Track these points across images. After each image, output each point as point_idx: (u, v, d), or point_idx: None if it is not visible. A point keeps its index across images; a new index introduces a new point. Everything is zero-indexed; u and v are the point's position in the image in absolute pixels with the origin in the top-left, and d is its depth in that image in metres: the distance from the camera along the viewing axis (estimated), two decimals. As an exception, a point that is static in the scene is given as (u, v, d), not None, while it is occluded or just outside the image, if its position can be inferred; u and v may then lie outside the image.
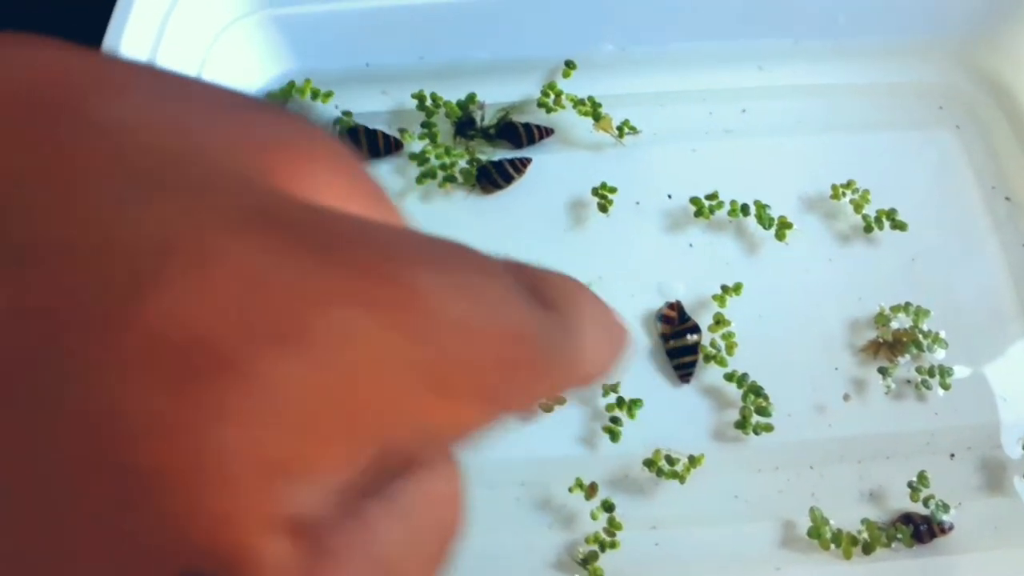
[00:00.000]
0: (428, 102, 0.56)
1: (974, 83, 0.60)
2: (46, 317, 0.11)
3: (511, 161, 0.55)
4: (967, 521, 0.49)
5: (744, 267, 0.54)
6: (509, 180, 0.55)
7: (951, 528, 0.48)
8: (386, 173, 0.56)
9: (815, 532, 0.48)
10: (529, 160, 0.55)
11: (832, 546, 0.48)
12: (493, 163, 0.55)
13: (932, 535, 0.48)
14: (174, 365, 0.11)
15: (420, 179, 0.55)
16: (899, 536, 0.48)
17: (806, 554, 0.49)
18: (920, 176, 0.57)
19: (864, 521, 0.48)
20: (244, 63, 0.55)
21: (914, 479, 0.49)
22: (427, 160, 0.56)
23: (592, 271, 0.53)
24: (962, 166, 0.58)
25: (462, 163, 0.56)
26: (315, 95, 0.57)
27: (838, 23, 0.58)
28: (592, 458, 0.50)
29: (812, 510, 0.48)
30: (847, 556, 0.48)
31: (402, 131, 0.56)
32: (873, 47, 0.59)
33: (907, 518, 0.49)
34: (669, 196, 0.55)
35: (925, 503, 0.49)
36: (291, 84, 0.56)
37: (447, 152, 0.56)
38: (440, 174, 0.55)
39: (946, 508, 0.48)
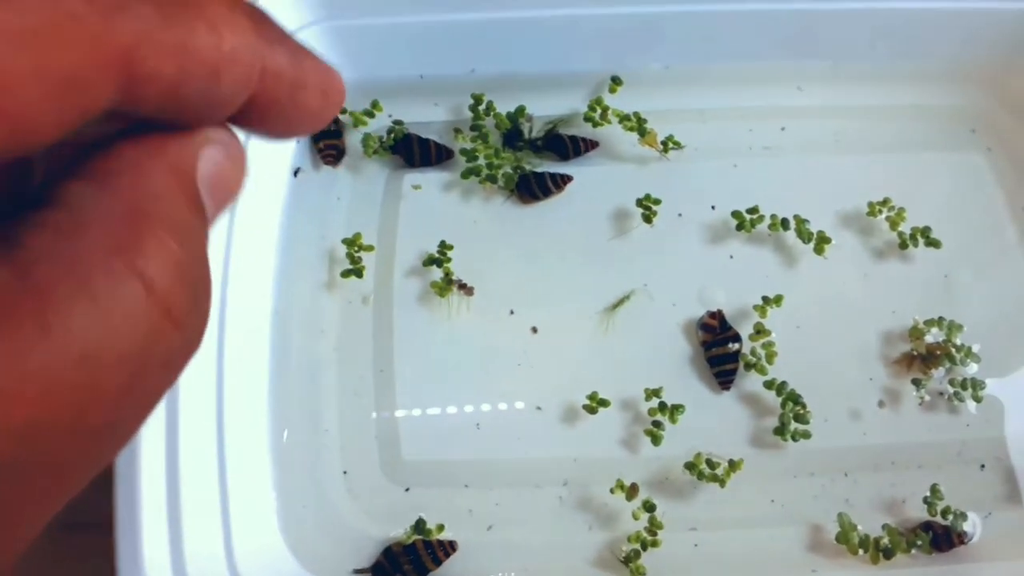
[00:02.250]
0: (482, 106, 0.58)
1: (1006, 108, 0.62)
2: None
3: (552, 175, 0.57)
4: (995, 530, 0.51)
5: (783, 279, 0.56)
6: (547, 194, 0.57)
7: (971, 538, 0.50)
8: (437, 182, 0.58)
9: (843, 537, 0.49)
10: (570, 178, 0.57)
11: (860, 551, 0.49)
12: (535, 174, 0.57)
13: (951, 544, 0.50)
14: None
15: (465, 174, 0.57)
16: (919, 543, 0.49)
17: (838, 559, 0.50)
18: (953, 196, 0.59)
19: (885, 527, 0.50)
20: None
21: (928, 493, 0.51)
22: (476, 157, 0.57)
23: (636, 279, 0.55)
24: (993, 187, 0.59)
25: (507, 168, 0.57)
26: (374, 105, 0.58)
27: (875, 48, 0.60)
28: (633, 460, 0.51)
29: (840, 516, 0.50)
30: (874, 561, 0.49)
31: (457, 131, 0.58)
32: (909, 71, 0.61)
33: (927, 526, 0.50)
34: (712, 207, 0.57)
35: (943, 515, 0.50)
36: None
37: (496, 154, 0.58)
38: (485, 173, 0.57)
39: (964, 517, 0.50)
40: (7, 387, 0.14)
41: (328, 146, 0.57)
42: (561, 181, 0.57)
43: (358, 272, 0.54)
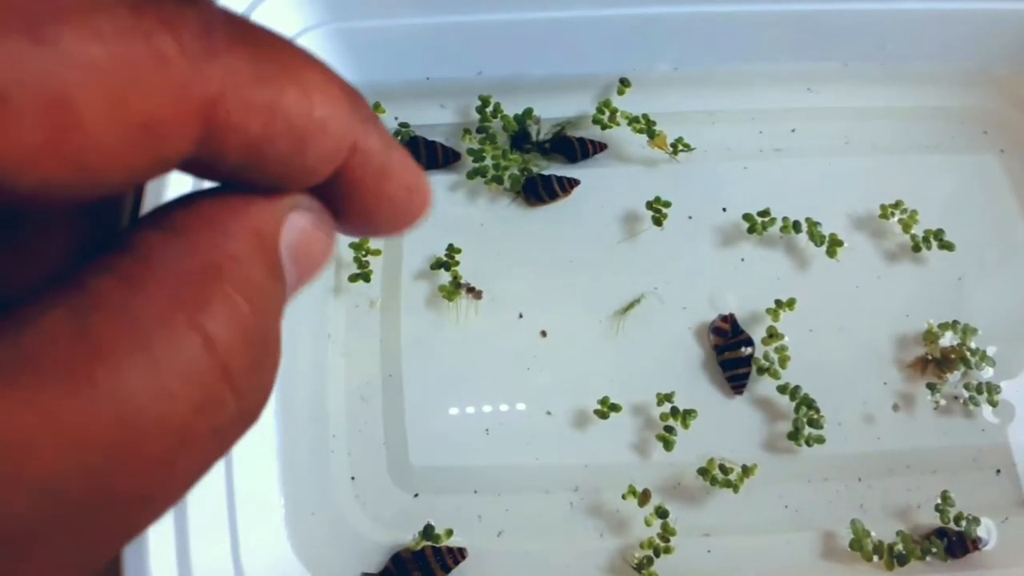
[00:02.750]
0: (489, 107, 0.58)
1: (1018, 109, 0.61)
2: None
3: (559, 179, 0.56)
4: (1011, 536, 0.50)
5: (795, 282, 0.55)
6: (553, 197, 0.56)
7: (985, 544, 0.49)
8: (444, 184, 0.57)
9: (857, 544, 0.49)
10: (577, 182, 0.56)
11: (875, 558, 0.49)
12: (542, 177, 0.56)
13: (965, 550, 0.49)
14: None
15: (471, 175, 0.56)
16: (933, 550, 0.49)
17: (852, 565, 0.50)
18: (965, 198, 0.58)
19: (899, 534, 0.49)
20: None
21: (939, 500, 0.50)
22: (483, 157, 0.57)
23: (647, 282, 0.54)
24: (1006, 189, 0.59)
25: (514, 169, 0.57)
26: (376, 107, 0.58)
27: (886, 49, 0.60)
28: (645, 465, 0.51)
29: (854, 522, 0.49)
30: (888, 568, 0.49)
31: (465, 131, 0.58)
32: (920, 72, 0.61)
33: (941, 532, 0.49)
34: (724, 209, 0.56)
35: (956, 521, 0.49)
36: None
37: (504, 155, 0.57)
38: (491, 173, 0.56)
39: (977, 522, 0.49)
40: (36, 438, 0.13)
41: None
42: (568, 185, 0.56)
43: (365, 276, 0.53)
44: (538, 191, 0.56)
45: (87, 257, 0.16)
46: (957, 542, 0.49)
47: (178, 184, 0.43)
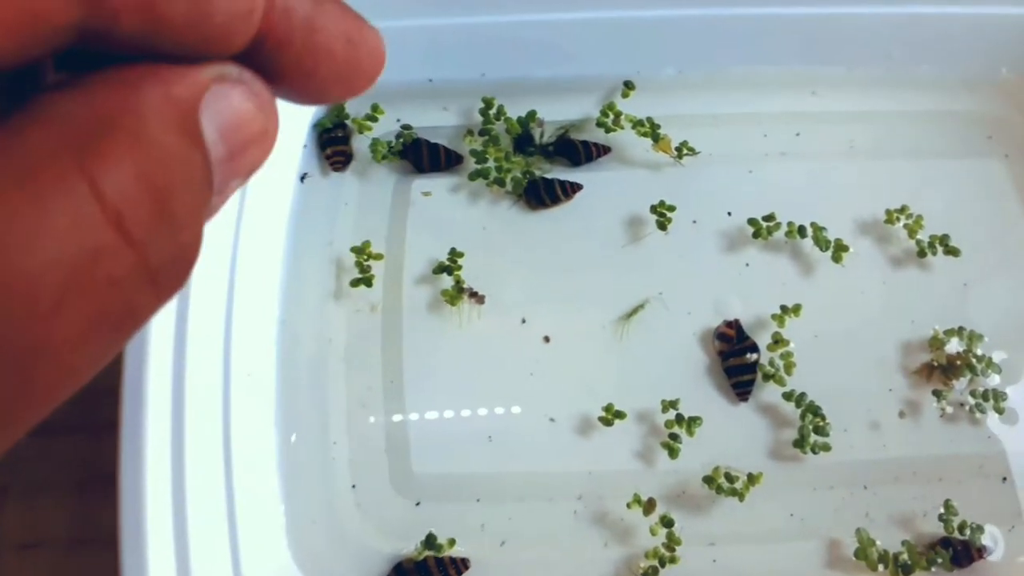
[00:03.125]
0: (493, 110, 0.57)
1: (1022, 114, 0.61)
2: None
3: (562, 183, 0.56)
4: (1018, 544, 0.50)
5: (800, 288, 0.54)
6: (555, 201, 0.56)
7: (991, 552, 0.49)
8: (447, 187, 0.57)
9: (862, 553, 0.48)
10: (580, 186, 0.56)
11: (880, 567, 0.48)
12: (544, 180, 0.56)
13: (971, 559, 0.49)
14: None
15: (473, 176, 0.56)
16: (939, 560, 0.48)
17: (857, 574, 0.49)
18: (970, 203, 0.58)
19: (905, 543, 0.49)
20: (312, 75, 0.56)
21: (942, 510, 0.50)
22: (486, 159, 0.56)
23: (651, 287, 0.54)
24: (1011, 194, 0.58)
25: (516, 172, 0.56)
26: (375, 109, 0.57)
27: (891, 53, 0.59)
28: (649, 473, 0.50)
29: (859, 531, 0.49)
30: (893, 577, 0.48)
31: (469, 133, 0.57)
32: (924, 77, 0.60)
33: (946, 542, 0.49)
34: (729, 214, 0.56)
35: (960, 530, 0.49)
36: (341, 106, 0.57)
37: (507, 158, 0.57)
38: (493, 175, 0.56)
39: (981, 530, 0.49)
40: None
41: (336, 152, 0.56)
42: (570, 189, 0.56)
43: (367, 281, 0.53)
44: (540, 194, 0.55)
45: None
46: (962, 551, 0.49)
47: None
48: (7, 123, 0.15)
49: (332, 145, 0.56)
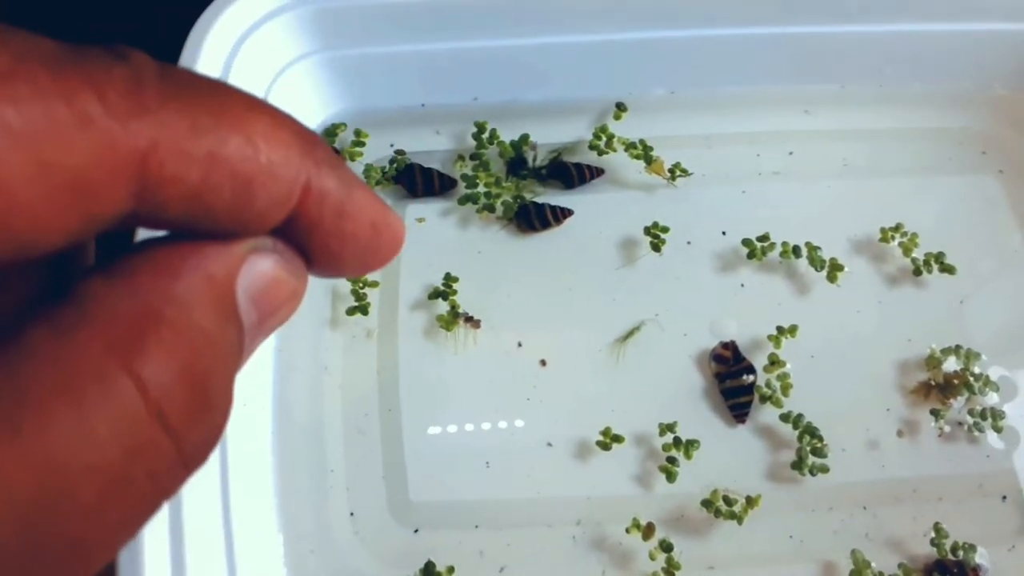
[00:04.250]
0: (485, 134, 0.57)
1: (1016, 129, 0.61)
2: None
3: (553, 208, 0.56)
4: (1018, 563, 0.50)
5: (795, 308, 0.54)
6: (546, 225, 0.56)
7: (986, 571, 0.49)
8: (441, 212, 0.57)
9: (857, 575, 0.48)
10: (571, 212, 0.56)
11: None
12: (535, 205, 0.56)
13: (966, 580, 0.48)
14: None
15: (462, 200, 0.56)
16: (934, 583, 0.48)
17: (859, 595, 0.49)
18: (965, 220, 0.58)
19: (901, 566, 0.48)
20: (305, 100, 0.56)
21: (933, 534, 0.49)
22: (476, 184, 0.56)
23: (646, 309, 0.54)
24: (1006, 210, 0.58)
25: (507, 197, 0.56)
26: (359, 134, 0.57)
27: (883, 71, 0.60)
28: (648, 498, 0.50)
29: (854, 552, 0.49)
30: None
31: (460, 157, 0.57)
32: (917, 93, 0.61)
33: (941, 566, 0.49)
34: (724, 233, 0.56)
35: (953, 551, 0.49)
36: (336, 126, 0.57)
37: (497, 183, 0.57)
38: (483, 201, 0.56)
39: (973, 549, 0.49)
40: None
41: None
42: (561, 214, 0.56)
43: (363, 309, 0.53)
44: (531, 219, 0.55)
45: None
46: (956, 573, 0.48)
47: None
48: (56, 317, 0.15)
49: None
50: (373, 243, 0.20)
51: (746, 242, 0.55)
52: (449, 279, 0.54)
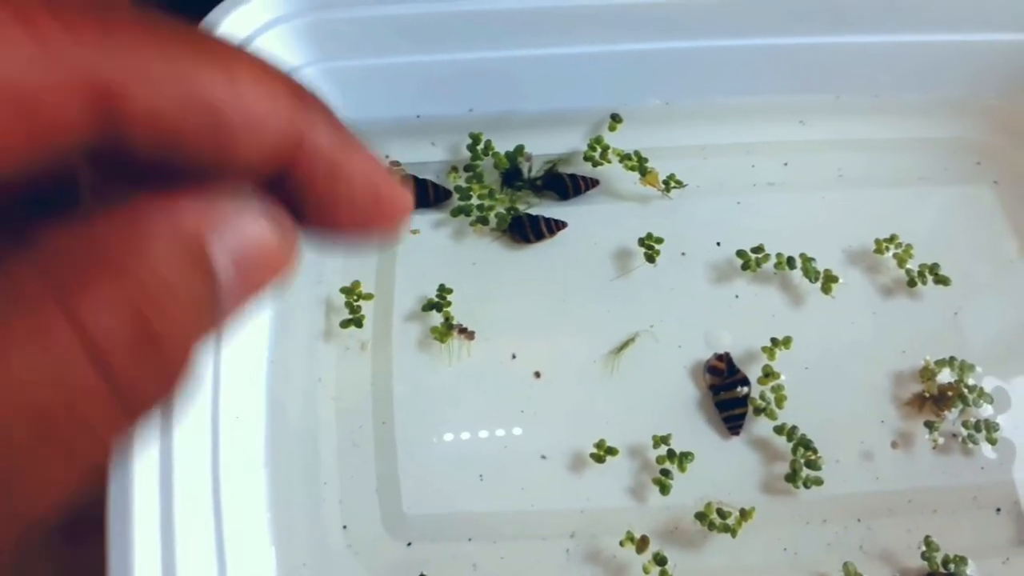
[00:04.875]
0: (480, 145, 0.57)
1: (1011, 139, 0.61)
2: None
3: (547, 220, 0.56)
4: (1014, 576, 0.50)
5: (790, 319, 0.54)
6: (540, 237, 0.56)
7: None
8: (435, 223, 0.57)
9: (848, 587, 0.48)
10: (564, 224, 0.56)
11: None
12: (529, 216, 0.56)
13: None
14: None
15: (455, 212, 0.56)
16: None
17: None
18: (960, 230, 0.58)
19: (893, 578, 0.48)
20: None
21: (924, 547, 0.49)
22: (469, 196, 0.56)
23: (641, 320, 0.54)
24: (1000, 220, 0.58)
25: (500, 208, 0.56)
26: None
27: (878, 80, 0.59)
28: (642, 510, 0.50)
29: (846, 565, 0.48)
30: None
31: (453, 169, 0.57)
32: (912, 103, 0.61)
33: None
34: (718, 244, 0.56)
35: (944, 565, 0.49)
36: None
37: (490, 195, 0.57)
38: (476, 214, 0.56)
39: (964, 562, 0.48)
40: None
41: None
42: (555, 227, 0.56)
43: (357, 322, 0.52)
44: (526, 231, 0.55)
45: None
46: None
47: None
48: (1, 256, 0.15)
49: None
50: (372, 209, 0.20)
51: (740, 253, 0.55)
52: (443, 290, 0.54)
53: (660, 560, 0.47)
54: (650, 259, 0.55)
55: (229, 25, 0.50)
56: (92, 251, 0.15)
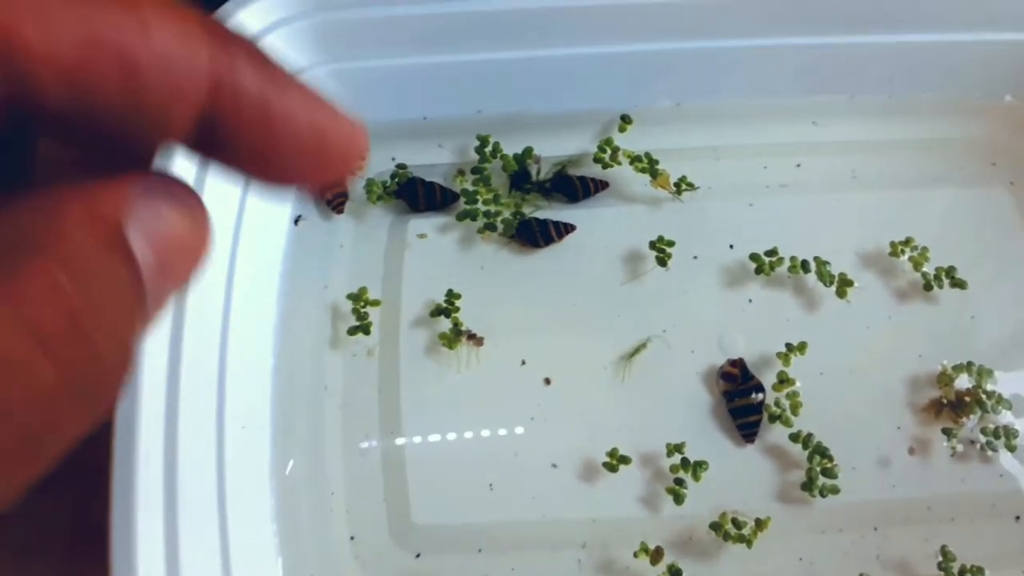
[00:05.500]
0: (488, 147, 0.56)
1: (1026, 140, 0.60)
2: None
3: (556, 223, 0.55)
4: (1033, 585, 0.49)
5: (804, 324, 0.53)
6: (548, 241, 0.55)
7: None
8: (443, 227, 0.56)
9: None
10: (573, 227, 0.55)
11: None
12: (538, 220, 0.55)
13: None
14: None
15: (460, 216, 0.55)
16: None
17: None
18: (976, 232, 0.57)
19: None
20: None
21: (940, 557, 0.48)
22: (475, 200, 0.55)
23: (653, 325, 0.53)
24: (1017, 222, 0.58)
25: (506, 213, 0.55)
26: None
27: (892, 81, 0.59)
28: (655, 520, 0.49)
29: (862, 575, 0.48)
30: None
31: (460, 172, 0.56)
32: (926, 104, 0.60)
33: None
34: (731, 246, 0.55)
35: (961, 575, 0.48)
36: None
37: (495, 200, 0.56)
38: (483, 221, 0.55)
39: (981, 572, 0.48)
40: None
41: (337, 195, 0.55)
42: (564, 230, 0.55)
43: (365, 329, 0.52)
44: (534, 235, 0.54)
45: None
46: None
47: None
48: None
49: (332, 187, 0.55)
50: (317, 147, 0.19)
51: (754, 256, 0.54)
52: (451, 295, 0.53)
53: (675, 572, 0.47)
54: (661, 263, 0.54)
55: (235, 27, 0.49)
56: (16, 236, 0.15)
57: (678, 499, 0.48)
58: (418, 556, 0.48)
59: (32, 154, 0.19)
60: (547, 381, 0.52)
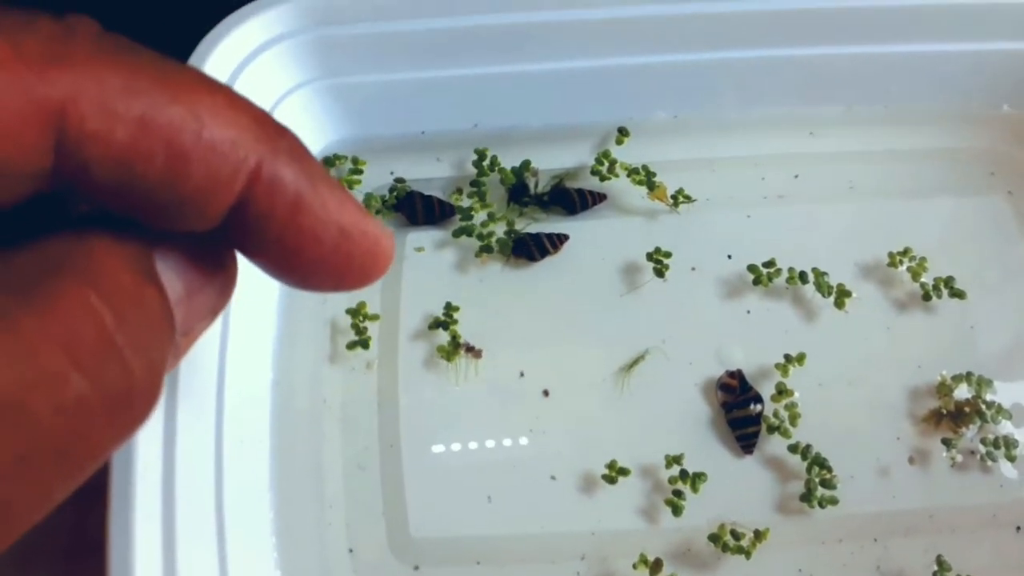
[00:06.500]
0: (486, 161, 0.56)
1: (1024, 149, 0.60)
2: None
3: (548, 236, 0.55)
4: (1035, 597, 0.48)
5: (803, 335, 0.53)
6: (544, 254, 0.55)
7: None
8: (440, 240, 0.56)
9: (866, 608, 0.47)
10: (567, 237, 0.55)
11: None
12: (531, 235, 0.55)
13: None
14: None
15: (456, 233, 0.55)
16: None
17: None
18: (974, 242, 0.57)
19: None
20: (304, 127, 0.55)
21: (936, 567, 0.48)
22: (471, 216, 0.55)
23: (651, 337, 0.53)
24: (1016, 232, 0.57)
25: (499, 232, 0.55)
26: (356, 162, 0.57)
27: (889, 91, 0.59)
28: (653, 532, 0.49)
29: (859, 588, 0.48)
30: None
31: (459, 190, 0.57)
32: (924, 114, 0.60)
33: None
34: (729, 257, 0.55)
35: None
36: (337, 157, 0.57)
37: (491, 217, 0.56)
38: (479, 243, 0.55)
39: None
40: None
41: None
42: (558, 241, 0.55)
43: (364, 343, 0.52)
44: (530, 250, 0.54)
45: None
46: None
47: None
48: None
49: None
50: (342, 250, 0.19)
51: (751, 268, 0.54)
52: (450, 308, 0.53)
53: (673, 583, 0.47)
54: (659, 274, 0.54)
55: (231, 42, 0.49)
56: (45, 260, 0.16)
57: (677, 511, 0.48)
58: (416, 569, 0.48)
59: (70, 214, 0.19)
60: (545, 393, 0.52)
